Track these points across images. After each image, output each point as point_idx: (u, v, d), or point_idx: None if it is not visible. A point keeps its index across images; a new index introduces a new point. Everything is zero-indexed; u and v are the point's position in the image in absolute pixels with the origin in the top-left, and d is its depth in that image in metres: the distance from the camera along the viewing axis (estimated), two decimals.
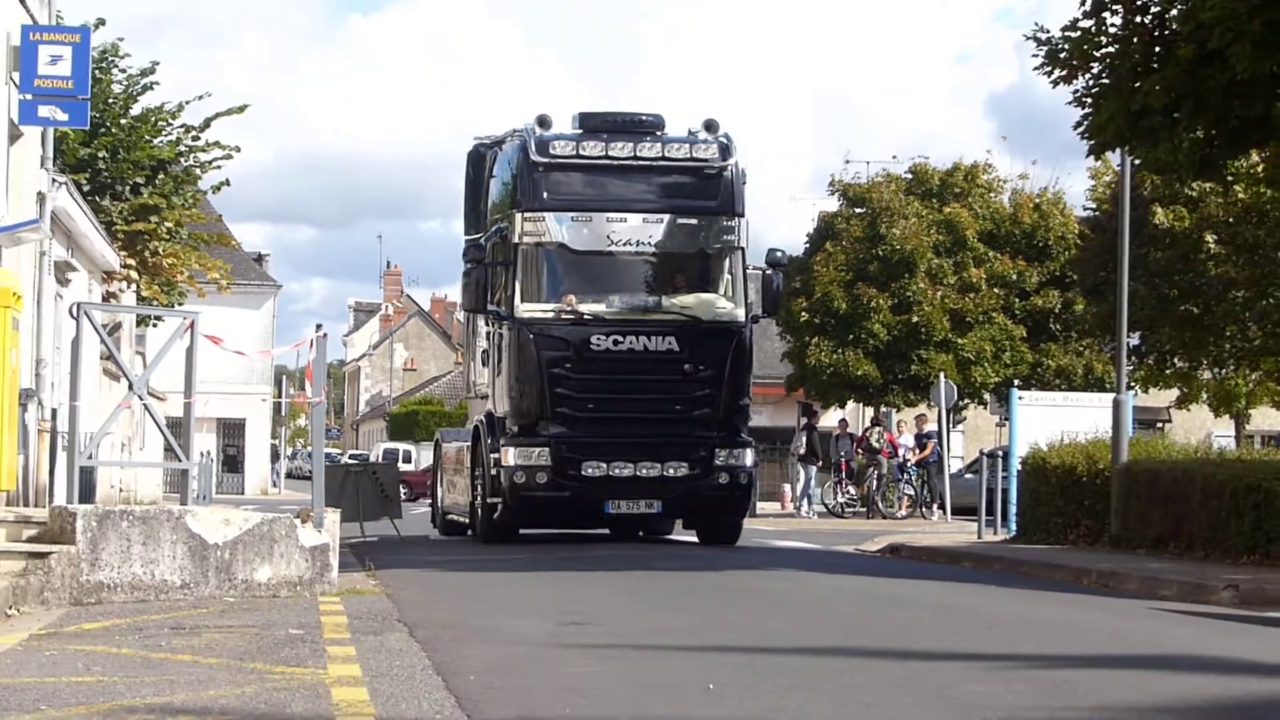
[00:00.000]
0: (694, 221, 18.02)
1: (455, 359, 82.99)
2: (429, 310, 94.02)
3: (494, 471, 17.45)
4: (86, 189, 23.72)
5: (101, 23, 24.34)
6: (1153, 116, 14.86)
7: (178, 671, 7.33)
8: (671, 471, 17.41)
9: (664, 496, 17.59)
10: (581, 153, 17.69)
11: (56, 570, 10.95)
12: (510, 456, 17.05)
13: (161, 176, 27.33)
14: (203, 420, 15.50)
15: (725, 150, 18.07)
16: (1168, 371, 31.86)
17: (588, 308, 17.58)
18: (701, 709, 6.22)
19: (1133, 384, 26.12)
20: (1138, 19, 15.20)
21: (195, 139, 28.14)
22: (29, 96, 16.53)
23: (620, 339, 17.26)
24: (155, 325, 18.88)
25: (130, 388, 14.66)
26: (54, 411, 15.85)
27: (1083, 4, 15.18)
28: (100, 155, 25.23)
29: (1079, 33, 15.24)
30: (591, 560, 15.59)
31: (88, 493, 14.21)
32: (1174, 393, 35.22)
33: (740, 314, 17.98)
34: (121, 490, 15.50)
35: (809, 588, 14.04)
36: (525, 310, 17.29)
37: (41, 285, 17.76)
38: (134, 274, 26.60)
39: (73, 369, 13.59)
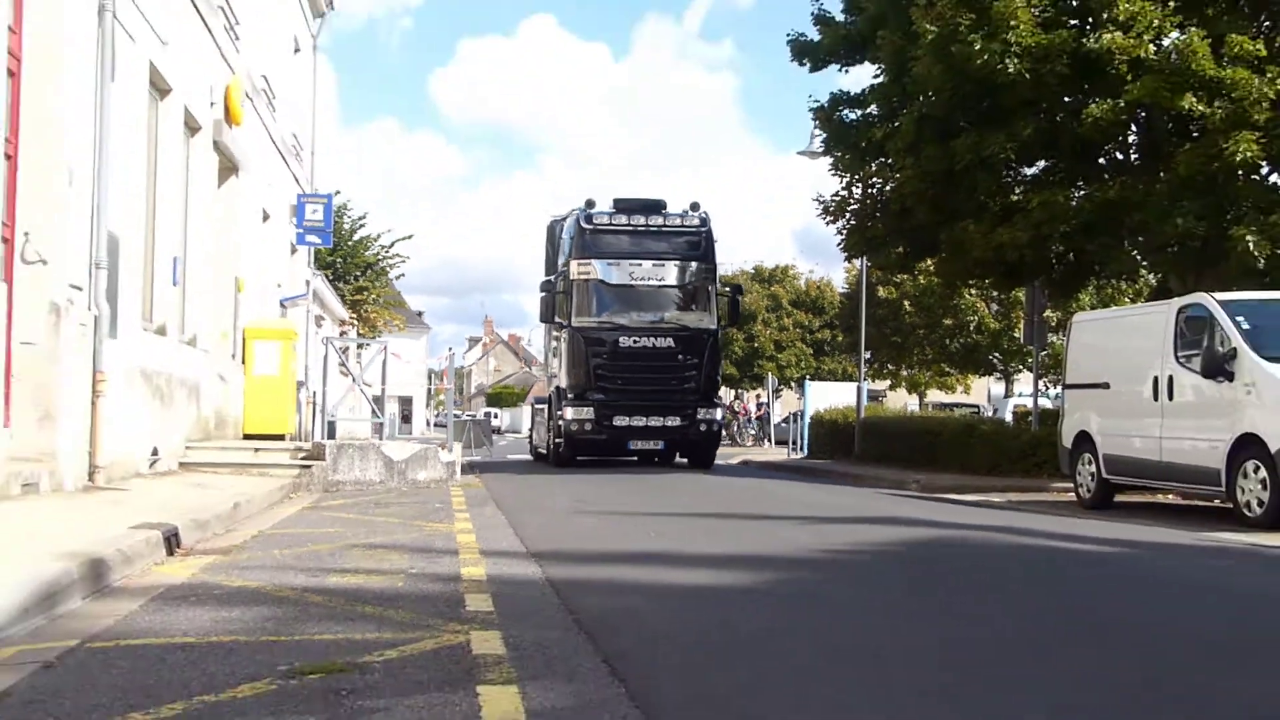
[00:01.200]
0: (684, 266, 24.40)
1: (520, 366, 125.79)
2: (506, 340, 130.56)
3: (559, 423, 23.86)
4: (330, 277, 39.24)
5: (338, 192, 39.43)
6: (877, 241, 24.36)
7: (377, 526, 10.78)
8: (670, 423, 23.58)
9: (665, 438, 23.87)
10: (613, 222, 24.32)
11: (315, 474, 16.79)
12: (569, 413, 23.34)
13: (369, 272, 46.13)
14: (390, 397, 21.54)
15: (704, 221, 24.85)
16: (884, 371, 53.69)
17: (617, 320, 23.82)
18: (646, 544, 9.90)
19: (866, 378, 38.69)
20: (868, 190, 24.10)
21: (386, 250, 46.94)
22: (300, 230, 25.41)
23: (638, 340, 23.70)
24: (364, 348, 26.95)
25: (353, 381, 22.80)
26: (314, 393, 22.86)
27: (842, 182, 24.29)
28: (337, 261, 42.38)
29: (839, 198, 24.36)
30: (606, 474, 22.04)
31: (330, 434, 20.11)
32: (887, 382, 56.49)
33: (713, 324, 24.71)
34: (348, 433, 21.97)
35: (709, 483, 20.80)
36: (578, 321, 23.77)
37: (308, 328, 26.94)
38: (355, 322, 44.28)
39: (324, 371, 21.24)
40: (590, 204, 24.55)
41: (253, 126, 21.68)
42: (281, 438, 19.39)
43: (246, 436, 19.51)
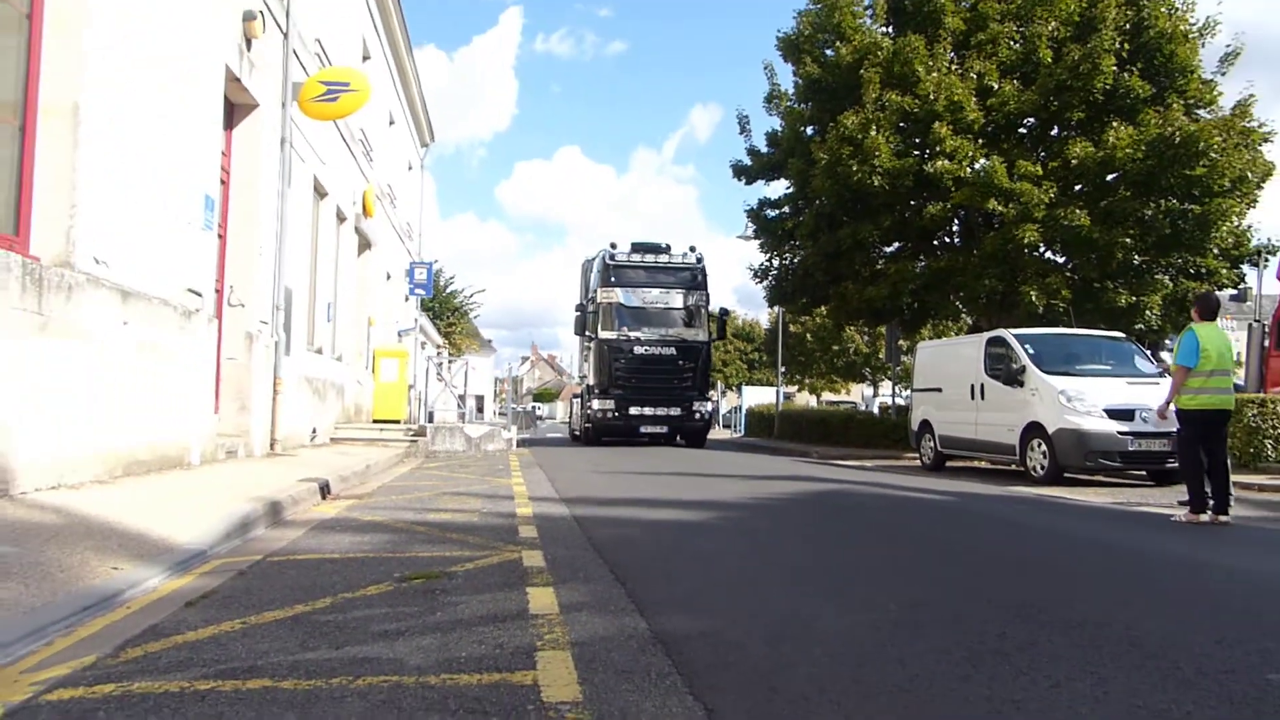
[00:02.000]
0: (684, 293, 22.34)
1: (555, 375, 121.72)
2: (546, 359, 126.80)
3: (588, 412, 22.31)
4: (430, 316, 39.36)
5: (435, 261, 36.89)
6: (789, 295, 24.14)
7: (460, 480, 10.82)
8: (672, 412, 21.67)
9: (669, 424, 21.78)
10: (631, 259, 22.35)
11: (420, 446, 16.33)
12: (595, 405, 21.65)
13: (456, 313, 46.58)
14: (470, 395, 21.40)
15: (700, 260, 22.87)
16: (794, 380, 51.80)
17: (633, 333, 21.73)
18: (637, 493, 9.84)
19: (782, 384, 36.75)
20: (783, 262, 24.04)
21: (467, 299, 47.88)
22: (411, 286, 26.34)
23: (649, 349, 21.63)
24: (453, 363, 26.12)
25: (445, 384, 21.51)
26: (420, 392, 22.30)
27: (766, 257, 24.23)
28: (435, 306, 42.34)
29: (764, 267, 24.41)
30: (618, 449, 20.25)
31: (430, 419, 19.67)
32: (796, 387, 54.98)
33: (706, 338, 22.35)
34: (442, 419, 21.71)
35: (683, 453, 19.66)
36: (603, 334, 21.75)
37: (416, 350, 26.45)
38: (447, 345, 43.16)
39: (426, 378, 21.56)
40: (613, 245, 22.55)
41: (381, 217, 21.67)
42: (398, 422, 19.35)
43: (375, 421, 19.50)
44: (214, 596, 4.18)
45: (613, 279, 22.06)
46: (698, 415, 21.92)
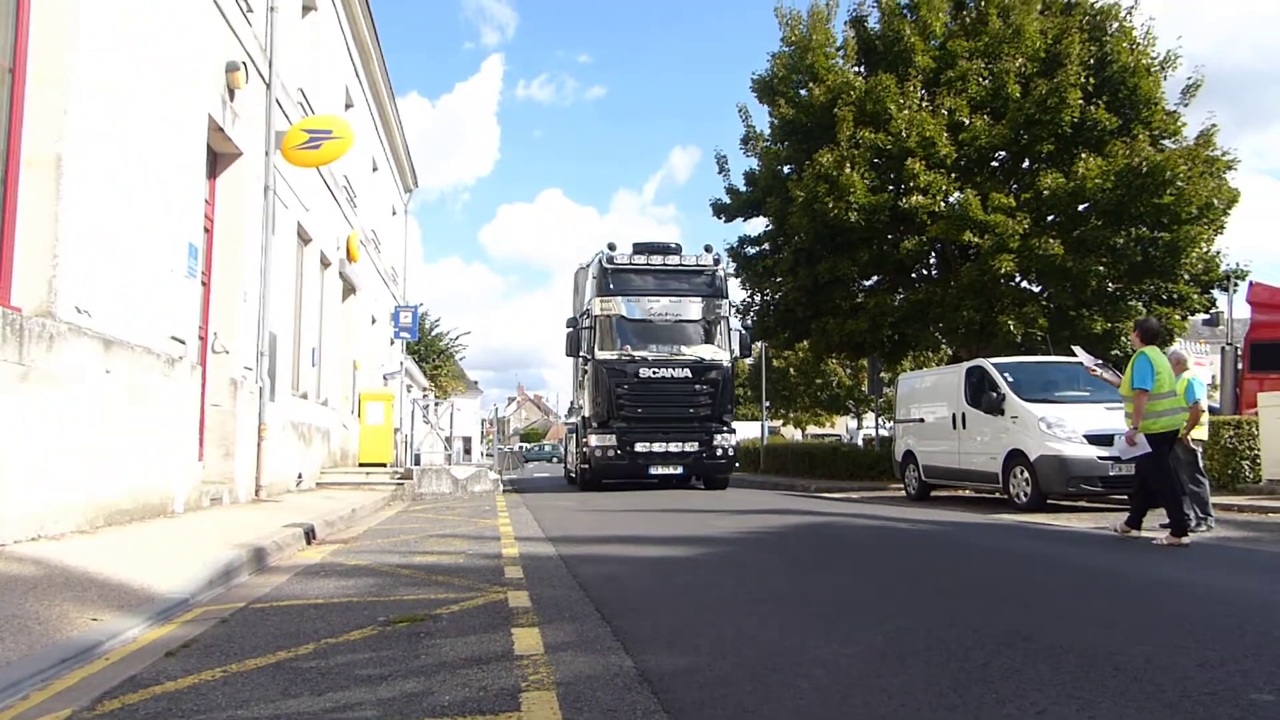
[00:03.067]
0: (700, 302, 18.10)
1: (541, 415, 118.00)
2: (532, 399, 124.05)
3: (584, 450, 18.11)
4: (416, 359, 39.01)
5: (421, 304, 37.99)
6: (771, 330, 23.78)
7: (446, 522, 10.74)
8: (688, 448, 17.38)
9: (684, 463, 17.46)
10: (634, 262, 18.16)
11: (406, 489, 16.16)
12: (593, 440, 17.41)
13: (442, 355, 46.03)
14: (456, 437, 20.67)
15: (717, 261, 18.60)
16: (779, 414, 50.72)
17: (637, 352, 17.60)
18: (622, 530, 9.79)
19: (767, 418, 37.02)
20: (764, 298, 24.01)
21: (452, 341, 47.51)
22: (396, 329, 24.30)
23: (656, 371, 17.50)
24: (439, 405, 25.41)
25: (431, 427, 21.39)
26: (406, 435, 20.40)
27: (748, 293, 24.31)
28: (420, 348, 41.65)
29: (746, 303, 24.31)
30: (618, 493, 17.72)
31: (416, 462, 19.39)
32: (781, 421, 53.44)
33: (727, 357, 18.06)
34: (428, 461, 20.96)
35: (676, 490, 18.87)
36: (601, 354, 17.65)
37: (401, 393, 24.12)
38: (433, 388, 41.51)
39: (412, 420, 20.14)
40: (612, 246, 18.38)
41: (365, 262, 21.62)
42: (384, 465, 19.18)
43: (360, 464, 19.31)
44: (195, 645, 4.11)
45: (612, 286, 18.05)
46: (720, 450, 17.73)
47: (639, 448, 17.34)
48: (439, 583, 5.86)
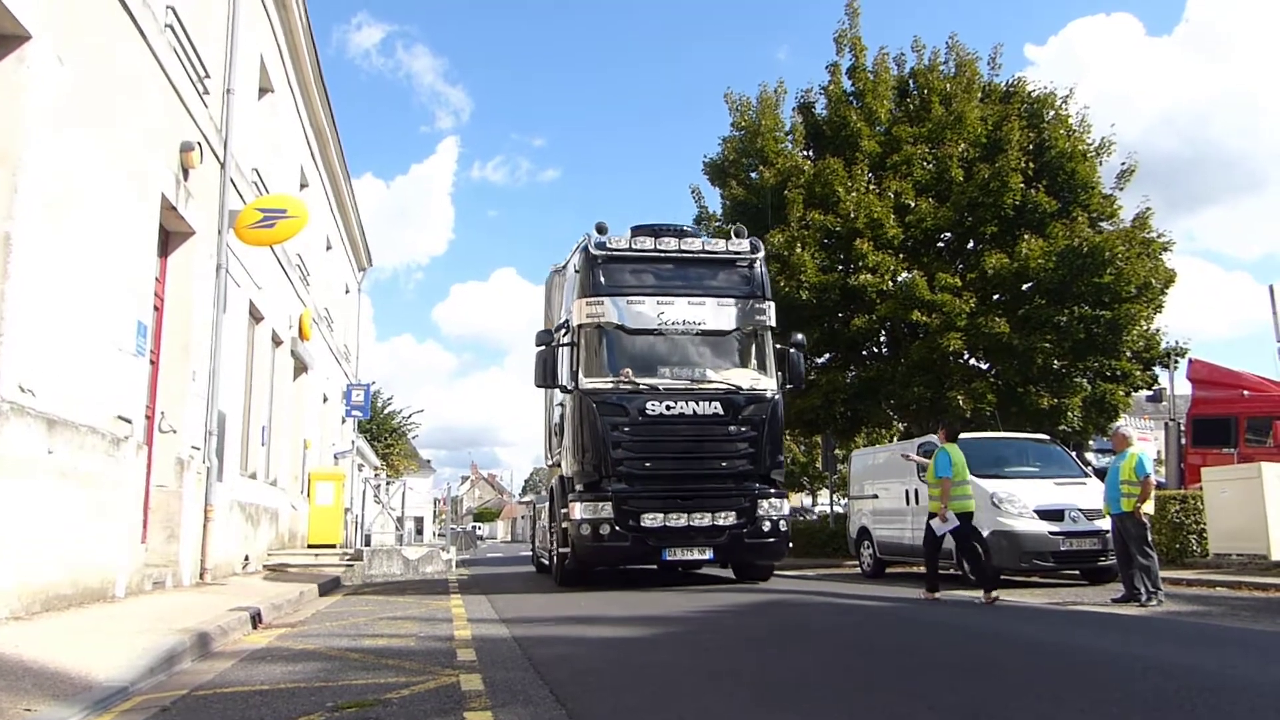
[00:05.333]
0: (731, 304, 12.76)
1: (495, 495, 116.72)
2: (486, 478, 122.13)
3: (564, 526, 12.24)
4: (368, 438, 38.84)
5: (373, 382, 37.93)
6: None
7: (397, 604, 10.51)
8: (721, 520, 11.93)
9: (712, 545, 11.96)
10: (633, 246, 12.75)
11: (356, 570, 15.88)
12: (577, 511, 11.75)
13: (394, 434, 45.71)
14: (408, 517, 20.09)
15: (755, 246, 13.18)
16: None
17: (643, 379, 12.10)
18: (575, 610, 9.43)
19: None
20: None
21: (405, 419, 47.36)
22: (348, 408, 25.71)
23: (672, 405, 11.96)
24: (390, 485, 24.67)
25: (383, 507, 20.26)
26: (357, 515, 20.23)
27: None
28: (373, 427, 41.36)
29: None
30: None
31: (367, 542, 18.45)
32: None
33: (773, 384, 12.65)
34: (379, 542, 20.12)
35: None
36: (588, 382, 12.09)
37: (353, 472, 25.35)
38: (384, 467, 40.28)
39: (363, 500, 19.71)
40: (601, 229, 12.81)
41: (318, 341, 21.48)
42: (333, 546, 18.80)
43: (310, 546, 18.90)
44: None
45: (603, 282, 12.56)
46: (767, 524, 12.11)
47: (647, 521, 11.73)
48: (389, 666, 5.73)
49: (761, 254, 13.24)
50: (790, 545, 13.11)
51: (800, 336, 13.47)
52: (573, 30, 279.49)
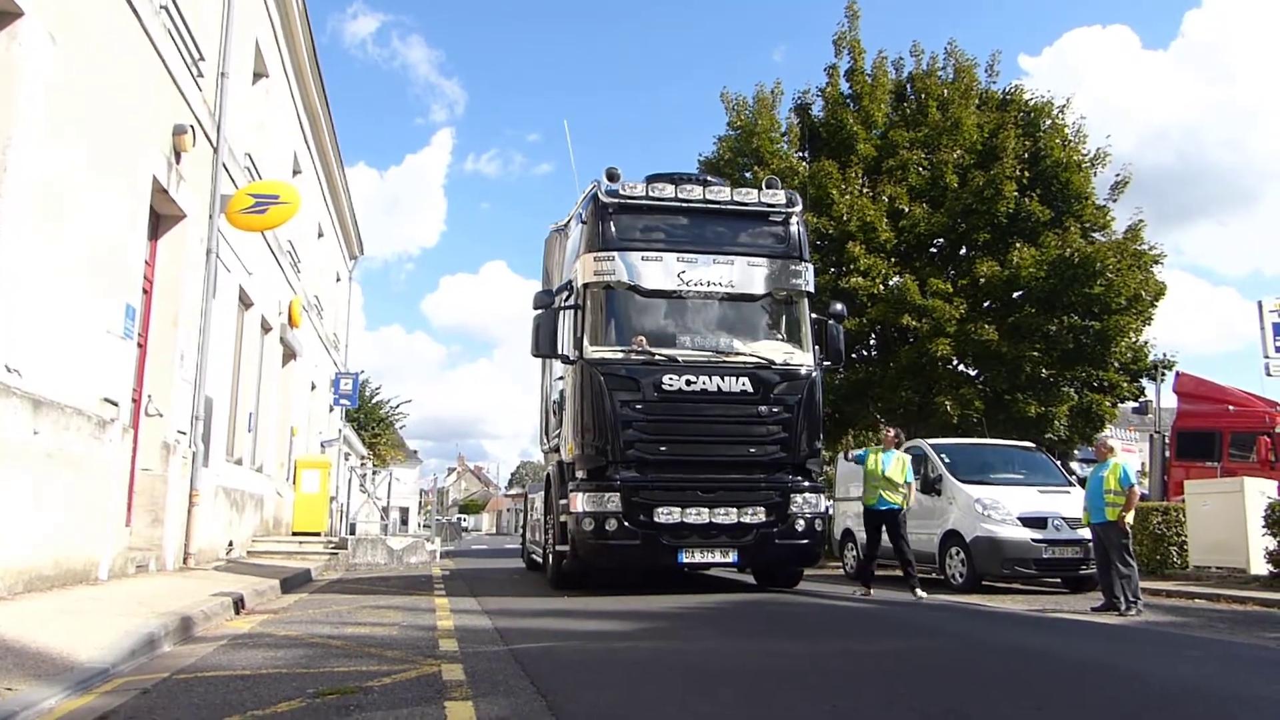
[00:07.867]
0: (763, 264, 11.03)
1: (481, 486, 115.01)
2: (473, 470, 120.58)
3: (562, 519, 10.63)
4: (355, 427, 38.61)
5: (361, 372, 37.83)
6: None
7: (382, 593, 10.53)
8: (748, 518, 10.26)
9: (737, 545, 10.25)
10: (651, 194, 10.87)
11: (340, 559, 16.09)
12: (579, 503, 10.07)
13: (381, 423, 45.57)
14: (393, 507, 20.15)
15: (791, 199, 11.36)
16: None
17: (659, 349, 10.36)
18: (559, 604, 9.55)
19: None
20: None
21: (393, 409, 47.51)
22: (336, 396, 25.28)
23: (692, 380, 10.21)
24: (376, 474, 25.04)
25: (368, 496, 21.27)
26: (342, 504, 20.68)
27: None
28: (360, 416, 41.24)
29: None
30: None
31: (351, 531, 19.15)
32: None
33: (810, 358, 11.00)
34: (364, 531, 20.24)
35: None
36: (594, 352, 10.36)
37: (339, 460, 25.35)
38: (371, 456, 41.45)
39: (349, 489, 20.63)
40: (612, 174, 10.84)
41: (307, 328, 21.44)
42: (318, 534, 18.77)
43: (294, 533, 18.87)
44: (113, 717, 3.98)
45: (614, 234, 10.74)
46: (800, 524, 10.49)
47: (661, 516, 10.05)
48: (371, 654, 5.73)
49: (799, 208, 11.44)
50: (825, 547, 11.94)
51: (841, 306, 11.77)
52: (571, 30, 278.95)
